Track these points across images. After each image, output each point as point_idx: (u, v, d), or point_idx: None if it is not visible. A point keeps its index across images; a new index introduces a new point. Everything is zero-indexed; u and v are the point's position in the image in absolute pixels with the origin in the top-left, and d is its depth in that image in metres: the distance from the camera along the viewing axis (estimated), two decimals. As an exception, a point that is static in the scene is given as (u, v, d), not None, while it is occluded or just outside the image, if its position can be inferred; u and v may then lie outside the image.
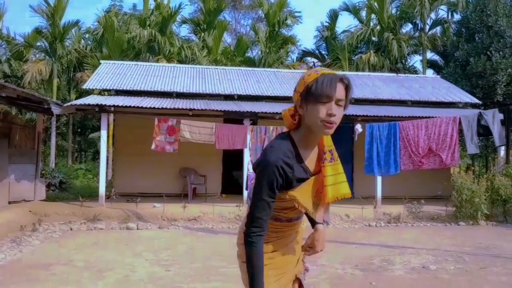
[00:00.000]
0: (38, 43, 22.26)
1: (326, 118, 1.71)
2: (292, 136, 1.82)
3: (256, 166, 1.77)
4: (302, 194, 1.80)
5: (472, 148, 9.33)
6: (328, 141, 1.90)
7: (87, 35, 24.07)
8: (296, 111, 1.80)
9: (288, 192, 1.77)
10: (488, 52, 16.07)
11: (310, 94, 1.72)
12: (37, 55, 22.89)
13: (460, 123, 9.40)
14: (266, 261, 1.85)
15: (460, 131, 9.62)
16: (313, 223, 2.06)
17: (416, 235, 8.67)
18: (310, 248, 2.05)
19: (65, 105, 10.63)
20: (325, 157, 1.86)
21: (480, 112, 9.51)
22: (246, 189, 10.10)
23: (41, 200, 10.71)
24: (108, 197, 11.09)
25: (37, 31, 21.36)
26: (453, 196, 10.07)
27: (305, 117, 1.77)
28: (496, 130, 9.09)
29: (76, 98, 18.96)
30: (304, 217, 2.02)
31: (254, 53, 26.29)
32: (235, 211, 9.80)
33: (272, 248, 1.92)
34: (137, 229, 8.95)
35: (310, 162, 1.85)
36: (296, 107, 1.80)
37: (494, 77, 15.68)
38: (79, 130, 26.69)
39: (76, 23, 22.03)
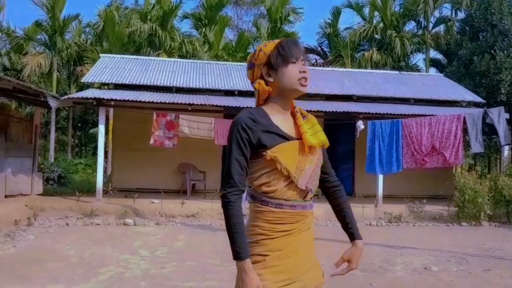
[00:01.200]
0: (38, 36, 22.13)
1: (301, 75, 1.80)
2: (261, 107, 1.85)
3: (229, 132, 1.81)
4: (283, 155, 1.74)
5: (477, 147, 9.16)
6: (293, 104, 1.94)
7: (87, 29, 23.92)
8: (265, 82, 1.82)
9: (267, 152, 1.73)
10: (492, 51, 15.87)
11: (278, 59, 1.79)
12: (37, 48, 22.75)
13: (464, 121, 9.23)
14: (272, 262, 1.71)
15: (464, 130, 9.45)
16: (351, 237, 1.99)
17: (417, 235, 8.53)
18: (343, 262, 1.96)
19: (62, 98, 10.49)
20: (297, 116, 1.88)
21: (485, 110, 9.34)
22: (245, 186, 9.95)
23: (38, 195, 10.59)
24: (106, 192, 10.96)
25: (37, 24, 21.23)
26: (456, 196, 9.92)
27: (278, 83, 1.80)
28: (502, 128, 8.92)
29: (76, 92, 18.82)
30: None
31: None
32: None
33: (278, 247, 1.74)
34: (134, 225, 8.82)
35: (287, 127, 1.83)
36: (262, 80, 1.82)
37: (498, 76, 15.48)
38: (79, 124, 26.58)
39: (77, 16, 21.90)
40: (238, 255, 1.65)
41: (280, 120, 1.82)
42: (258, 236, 1.75)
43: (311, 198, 1.85)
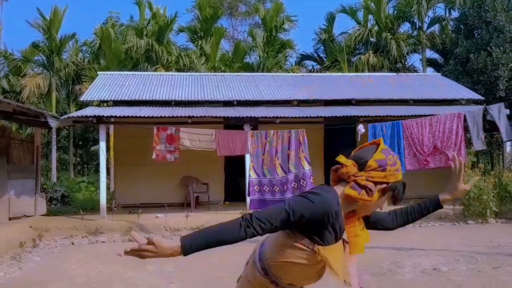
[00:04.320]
0: (36, 57, 22.24)
1: (381, 208, 1.89)
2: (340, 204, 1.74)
3: (309, 193, 1.66)
4: (333, 256, 1.68)
5: (479, 144, 9.13)
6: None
7: (84, 48, 24.06)
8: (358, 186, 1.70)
9: (316, 246, 1.65)
10: (488, 48, 15.92)
11: (391, 191, 1.77)
12: (35, 69, 22.86)
13: (465, 119, 9.21)
14: None
15: (465, 128, 9.43)
16: (433, 202, 2.05)
17: (424, 235, 8.47)
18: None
19: (62, 117, 10.51)
20: (360, 221, 1.86)
21: (485, 107, 9.33)
22: (248, 195, 9.92)
23: (42, 215, 10.56)
24: (110, 209, 10.93)
25: (34, 45, 21.36)
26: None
27: (370, 202, 1.73)
28: (503, 124, 8.90)
29: (76, 111, 18.87)
30: None
31: (252, 58, 26.21)
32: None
33: None
34: (140, 240, 8.76)
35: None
36: (366, 182, 1.70)
37: (496, 73, 15.51)
38: (80, 143, 26.59)
39: (73, 35, 22.03)
40: (186, 247, 1.54)
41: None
42: None
43: None
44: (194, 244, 1.55)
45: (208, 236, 1.57)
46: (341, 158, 1.77)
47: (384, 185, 1.73)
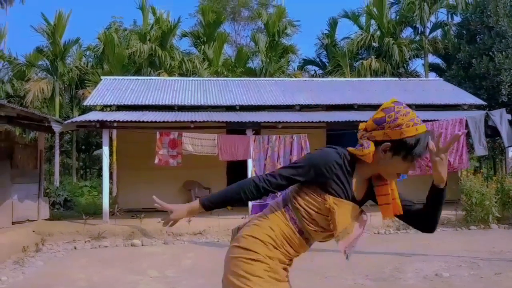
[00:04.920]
0: (40, 62, 22.38)
1: (405, 172, 1.78)
2: (354, 160, 1.81)
3: (310, 152, 1.85)
4: (340, 210, 1.75)
5: (481, 150, 9.14)
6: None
7: (88, 52, 24.17)
8: (373, 148, 1.75)
9: (327, 195, 1.74)
10: (491, 53, 15.92)
11: (404, 150, 1.71)
12: (39, 74, 22.99)
13: (467, 124, 9.22)
14: (266, 265, 1.78)
15: (467, 133, 9.44)
16: (434, 186, 1.89)
17: (426, 241, 8.45)
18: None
19: (66, 122, 10.57)
20: (393, 184, 1.87)
21: (487, 113, 9.34)
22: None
23: (45, 220, 10.60)
24: (112, 213, 10.96)
25: (38, 50, 21.50)
26: (463, 200, 9.86)
27: (384, 163, 1.76)
28: (504, 130, 8.91)
29: (79, 116, 18.95)
30: None
31: (255, 63, 26.28)
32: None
33: (275, 260, 1.83)
34: (142, 245, 8.80)
35: (358, 189, 1.84)
36: (373, 144, 1.75)
37: (498, 78, 15.50)
38: (83, 147, 26.67)
39: (77, 40, 22.16)
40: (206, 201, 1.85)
41: (357, 181, 1.83)
42: (268, 239, 1.82)
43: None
44: (211, 198, 1.82)
45: (223, 193, 1.82)
46: (361, 123, 1.87)
47: (388, 144, 1.72)
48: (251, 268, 1.77)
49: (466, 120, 9.30)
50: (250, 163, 10.40)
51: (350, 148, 1.79)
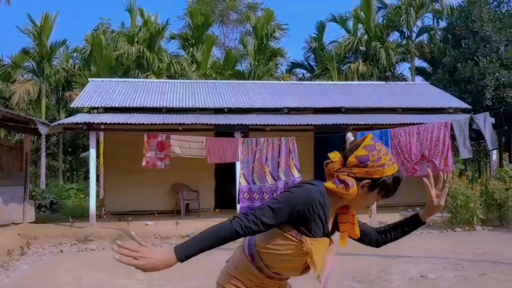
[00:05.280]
0: (26, 64, 22.16)
1: (371, 204, 1.86)
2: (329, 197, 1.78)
3: (292, 187, 1.75)
4: (317, 250, 1.73)
5: (465, 153, 9.29)
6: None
7: (75, 54, 24.00)
8: (356, 186, 1.74)
9: (304, 238, 1.70)
10: (475, 57, 16.20)
11: (379, 187, 1.76)
12: (25, 76, 22.75)
13: (452, 128, 9.37)
14: None
15: (452, 136, 9.58)
16: (414, 217, 2.03)
17: (412, 243, 8.51)
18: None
19: (52, 124, 10.47)
20: (355, 218, 1.92)
21: (471, 116, 9.50)
22: (238, 202, 9.95)
23: (30, 223, 10.48)
24: (99, 216, 10.88)
25: (24, 52, 21.28)
26: (448, 202, 9.99)
27: (357, 197, 1.77)
28: (488, 133, 9.07)
29: (66, 118, 18.77)
30: None
31: (243, 66, 26.35)
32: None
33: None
34: (129, 248, 8.73)
35: (329, 221, 1.84)
36: (346, 177, 1.73)
37: (482, 82, 15.77)
38: (70, 149, 26.40)
39: (64, 42, 21.99)
40: (182, 254, 1.61)
41: (330, 215, 1.83)
42: (236, 281, 1.91)
43: None
44: (186, 247, 1.61)
45: (199, 238, 1.65)
46: (331, 154, 1.82)
47: (368, 181, 1.74)
48: None
49: (451, 124, 9.44)
50: (238, 165, 10.41)
51: (329, 185, 1.74)
